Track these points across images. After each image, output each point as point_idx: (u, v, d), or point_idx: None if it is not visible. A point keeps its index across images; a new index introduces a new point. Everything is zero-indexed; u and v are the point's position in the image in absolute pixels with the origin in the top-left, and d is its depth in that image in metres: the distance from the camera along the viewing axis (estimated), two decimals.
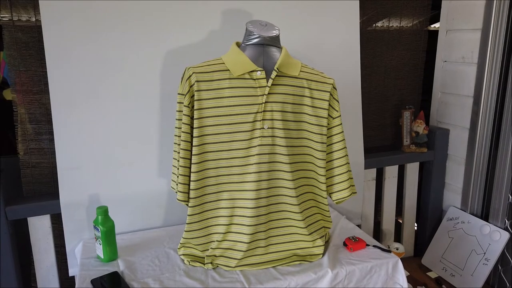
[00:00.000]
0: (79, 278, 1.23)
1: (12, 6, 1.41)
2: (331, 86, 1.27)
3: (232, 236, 1.25)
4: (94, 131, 1.43)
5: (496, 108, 1.83)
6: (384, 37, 2.02)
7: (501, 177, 1.80)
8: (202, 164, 1.20)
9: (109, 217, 1.32)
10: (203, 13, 1.49)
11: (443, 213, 2.09)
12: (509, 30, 1.74)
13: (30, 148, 1.52)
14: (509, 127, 1.74)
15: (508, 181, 1.77)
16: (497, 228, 1.79)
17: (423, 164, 2.09)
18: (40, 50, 1.45)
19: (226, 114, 1.19)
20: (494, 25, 1.75)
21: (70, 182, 1.42)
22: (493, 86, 1.81)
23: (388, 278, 1.33)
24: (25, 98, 1.48)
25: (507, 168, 1.76)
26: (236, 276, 1.24)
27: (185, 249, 1.31)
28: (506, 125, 1.76)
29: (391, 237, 2.10)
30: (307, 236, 1.29)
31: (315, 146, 1.27)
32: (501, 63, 1.78)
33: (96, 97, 1.42)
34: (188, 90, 1.18)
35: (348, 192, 1.32)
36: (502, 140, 1.79)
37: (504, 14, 1.73)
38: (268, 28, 1.24)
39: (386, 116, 2.11)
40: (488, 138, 1.87)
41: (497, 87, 1.80)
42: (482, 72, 1.81)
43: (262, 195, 1.23)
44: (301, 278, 1.22)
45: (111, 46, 1.41)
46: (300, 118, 1.26)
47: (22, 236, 1.48)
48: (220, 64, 1.21)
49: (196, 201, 1.22)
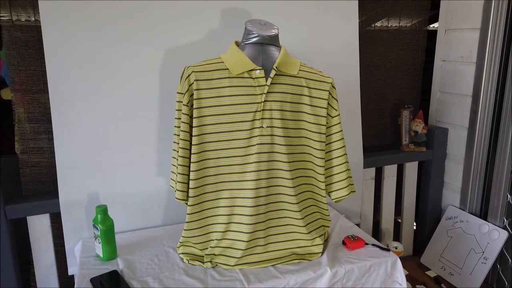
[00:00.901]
0: (78, 277, 1.23)
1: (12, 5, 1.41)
2: (330, 85, 1.27)
3: (231, 234, 1.25)
4: (94, 130, 1.43)
5: (494, 107, 1.83)
6: (383, 36, 2.02)
7: (499, 176, 1.80)
8: (201, 163, 1.20)
9: (108, 216, 1.32)
10: (202, 12, 1.49)
11: (442, 212, 2.09)
12: (508, 29, 1.74)
13: (29, 147, 1.52)
14: (508, 126, 1.75)
15: (507, 180, 1.77)
16: (495, 227, 1.79)
17: (422, 163, 2.09)
18: (39, 49, 1.45)
19: (226, 113, 1.19)
20: (492, 24, 1.75)
21: (69, 181, 1.42)
22: (492, 85, 1.81)
23: (387, 276, 1.33)
24: (24, 97, 1.48)
25: (506, 167, 1.76)
26: (236, 274, 1.24)
27: (185, 248, 1.31)
28: (505, 124, 1.76)
29: (390, 236, 2.11)
30: (306, 234, 1.30)
31: (314, 145, 1.27)
32: (499, 62, 1.78)
33: (95, 96, 1.42)
34: (187, 89, 1.18)
35: (347, 191, 1.32)
36: (501, 139, 1.79)
37: (502, 13, 1.73)
38: (267, 27, 1.25)
39: (385, 116, 2.12)
40: (486, 137, 1.87)
41: (496, 86, 1.81)
42: (481, 71, 1.82)
43: (261, 194, 1.23)
44: (300, 276, 1.23)
45: (110, 45, 1.41)
46: (299, 117, 1.26)
47: (22, 235, 1.48)
48: (219, 63, 1.21)
49: (195, 200, 1.22)
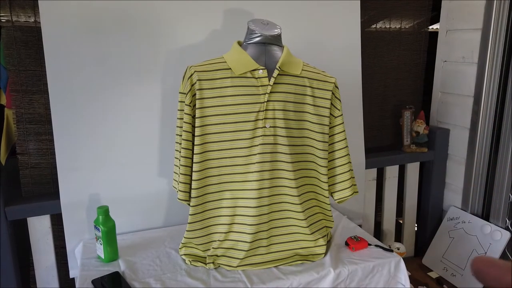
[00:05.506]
0: (79, 279, 1.22)
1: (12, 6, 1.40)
2: (333, 85, 1.26)
3: (234, 235, 1.24)
4: (94, 130, 1.42)
5: (496, 107, 1.83)
6: (384, 37, 2.02)
7: (501, 176, 1.79)
8: (204, 163, 1.20)
9: (110, 217, 1.31)
10: (204, 12, 1.48)
11: (443, 213, 2.09)
12: (510, 29, 1.74)
13: (29, 148, 1.51)
14: (510, 127, 1.74)
15: (509, 181, 1.76)
16: (498, 228, 1.79)
17: (424, 164, 2.09)
18: (39, 50, 1.44)
19: (229, 113, 1.18)
20: (494, 25, 1.75)
21: (70, 182, 1.41)
22: (494, 86, 1.81)
23: (390, 277, 1.33)
24: (24, 98, 1.47)
25: (508, 167, 1.76)
26: (238, 276, 1.23)
27: (187, 249, 1.30)
28: (507, 124, 1.76)
29: (391, 237, 2.10)
30: (309, 235, 1.29)
31: (317, 145, 1.27)
32: (501, 62, 1.78)
33: (95, 96, 1.41)
34: (190, 89, 1.17)
35: (350, 191, 1.32)
36: (503, 140, 1.79)
37: (504, 14, 1.73)
38: (269, 27, 1.24)
39: (387, 116, 2.11)
40: (488, 138, 1.86)
41: (498, 86, 1.80)
42: (483, 71, 1.81)
43: (264, 195, 1.22)
44: (304, 277, 1.22)
45: (111, 46, 1.40)
46: (302, 117, 1.25)
47: (22, 237, 1.46)
48: (222, 63, 1.20)
49: (198, 201, 1.21)
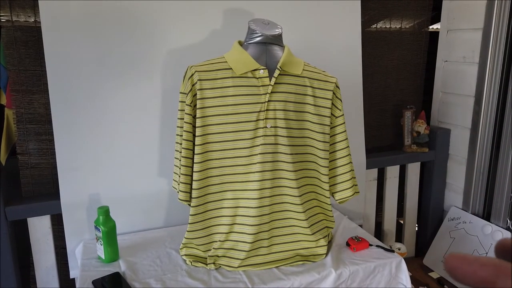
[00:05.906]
0: (80, 279, 1.22)
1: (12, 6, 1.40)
2: (334, 85, 1.26)
3: (235, 236, 1.24)
4: (95, 130, 1.42)
5: (497, 107, 1.82)
6: (385, 37, 2.01)
7: (502, 176, 1.79)
8: (205, 164, 1.19)
9: (110, 217, 1.30)
10: (204, 12, 1.48)
11: (444, 213, 2.09)
12: (511, 29, 1.73)
13: (30, 148, 1.50)
14: (511, 127, 1.74)
15: (510, 181, 1.76)
16: (499, 228, 1.78)
17: (424, 164, 2.08)
18: (39, 50, 1.44)
19: (230, 113, 1.17)
20: (495, 25, 1.75)
21: (70, 182, 1.41)
22: (495, 86, 1.80)
23: (391, 278, 1.32)
24: (24, 97, 1.47)
25: (509, 167, 1.76)
26: (239, 276, 1.23)
27: (187, 250, 1.29)
28: (508, 124, 1.76)
29: (392, 238, 2.10)
30: (310, 236, 1.28)
31: (318, 146, 1.26)
32: (502, 62, 1.77)
33: (96, 96, 1.41)
34: (191, 89, 1.16)
35: (351, 191, 1.31)
36: (504, 140, 1.78)
37: (505, 13, 1.73)
38: (270, 26, 1.24)
39: (387, 116, 2.11)
40: (489, 138, 1.86)
41: (499, 86, 1.80)
42: (484, 71, 1.81)
43: (265, 195, 1.22)
44: (305, 278, 1.21)
45: (111, 46, 1.40)
46: (302, 117, 1.25)
47: (22, 237, 1.46)
48: (223, 62, 1.20)
49: (198, 201, 1.21)
